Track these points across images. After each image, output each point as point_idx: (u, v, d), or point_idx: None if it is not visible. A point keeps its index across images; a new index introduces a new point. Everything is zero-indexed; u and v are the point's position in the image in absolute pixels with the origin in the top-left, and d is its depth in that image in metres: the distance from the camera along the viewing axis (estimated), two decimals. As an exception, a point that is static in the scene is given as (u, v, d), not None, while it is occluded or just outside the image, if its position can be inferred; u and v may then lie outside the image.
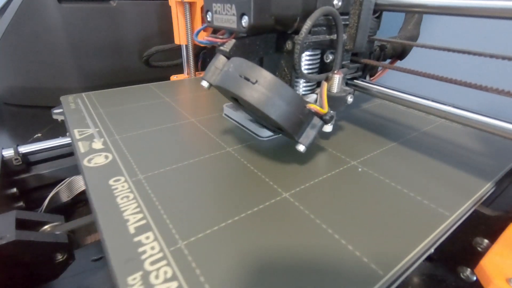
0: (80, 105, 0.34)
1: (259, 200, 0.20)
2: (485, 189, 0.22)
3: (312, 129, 0.22)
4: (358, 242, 0.16)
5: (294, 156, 0.25)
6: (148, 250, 0.15)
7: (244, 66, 0.20)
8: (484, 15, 0.20)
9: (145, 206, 0.19)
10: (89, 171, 0.22)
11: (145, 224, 0.17)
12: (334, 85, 0.24)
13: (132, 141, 0.27)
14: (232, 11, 0.22)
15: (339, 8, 0.24)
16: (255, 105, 0.20)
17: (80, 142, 0.26)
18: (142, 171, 0.22)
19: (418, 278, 0.23)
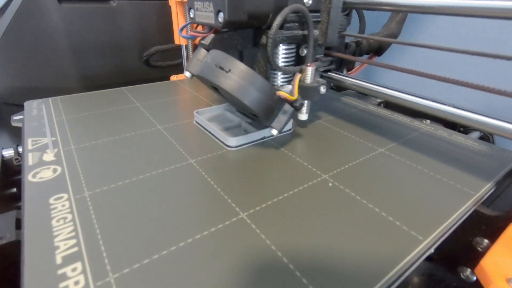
0: (43, 111, 0.33)
1: (213, 221, 0.18)
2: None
3: (283, 115, 0.24)
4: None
5: (261, 168, 0.24)
6: (71, 285, 0.14)
7: (219, 57, 0.22)
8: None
9: (82, 229, 0.17)
10: (31, 187, 0.20)
11: (76, 252, 0.15)
12: (307, 76, 0.26)
13: (88, 152, 0.25)
14: (210, 8, 0.24)
15: (310, 6, 0.26)
16: (229, 91, 0.22)
17: (31, 153, 0.24)
18: (90, 187, 0.21)
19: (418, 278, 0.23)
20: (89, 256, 0.15)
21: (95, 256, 0.15)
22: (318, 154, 0.26)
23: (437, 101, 0.24)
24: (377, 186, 0.22)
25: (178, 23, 0.49)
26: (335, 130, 0.30)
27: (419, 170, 0.24)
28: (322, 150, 0.27)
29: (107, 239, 0.16)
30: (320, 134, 0.30)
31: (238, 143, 0.27)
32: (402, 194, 0.21)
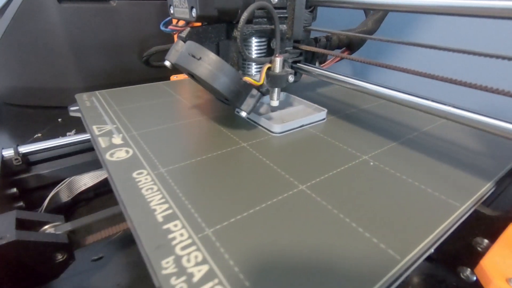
0: (95, 102, 0.35)
1: (277, 192, 0.20)
2: (485, 189, 0.22)
3: (251, 98, 0.27)
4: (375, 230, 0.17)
5: (307, 150, 0.26)
6: (178, 236, 0.16)
7: (192, 47, 0.25)
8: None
9: (170, 197, 0.19)
10: (112, 165, 0.23)
11: (171, 213, 0.18)
12: (276, 66, 0.28)
13: (149, 137, 0.27)
14: (185, 4, 0.27)
15: (276, 3, 0.29)
16: (201, 76, 0.24)
17: (100, 138, 0.27)
18: (163, 165, 0.23)
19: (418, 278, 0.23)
20: (183, 216, 0.18)
21: (189, 216, 0.18)
22: (352, 138, 0.29)
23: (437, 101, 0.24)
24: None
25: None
26: (360, 119, 0.34)
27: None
28: (355, 135, 0.29)
29: (193, 204, 0.19)
30: (348, 123, 0.32)
31: (283, 130, 0.29)
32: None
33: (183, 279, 0.14)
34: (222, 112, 0.34)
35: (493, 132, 0.21)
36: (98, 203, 0.38)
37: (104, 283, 0.27)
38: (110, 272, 0.28)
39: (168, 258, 0.15)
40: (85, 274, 0.28)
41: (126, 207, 0.18)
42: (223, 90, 0.25)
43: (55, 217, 0.26)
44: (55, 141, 0.37)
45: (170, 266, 0.14)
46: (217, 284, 0.14)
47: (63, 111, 0.59)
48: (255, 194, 0.20)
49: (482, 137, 0.30)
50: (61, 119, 0.57)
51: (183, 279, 0.14)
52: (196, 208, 0.19)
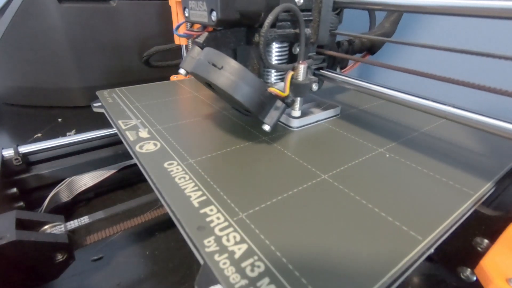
0: (117, 99, 0.36)
1: (301, 181, 0.21)
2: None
3: (275, 111, 0.25)
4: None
5: (325, 143, 0.27)
6: (215, 219, 0.17)
7: (212, 54, 0.23)
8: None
9: (202, 185, 0.20)
10: (144, 156, 0.24)
11: (206, 199, 0.19)
12: (299, 73, 0.26)
13: (174, 131, 0.28)
14: (203, 7, 0.25)
15: (301, 5, 0.27)
16: (222, 87, 0.22)
17: (128, 132, 0.28)
18: (191, 156, 0.24)
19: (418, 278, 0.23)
20: (218, 202, 0.19)
21: (222, 202, 0.19)
22: (366, 132, 0.29)
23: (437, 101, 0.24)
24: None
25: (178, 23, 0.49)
26: (371, 114, 0.35)
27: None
28: (368, 130, 0.30)
29: (225, 191, 0.20)
30: (361, 119, 0.33)
31: (300, 124, 0.30)
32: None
33: (226, 256, 0.15)
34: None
35: (493, 132, 0.21)
36: (98, 203, 0.38)
37: (104, 283, 0.27)
38: (110, 272, 0.28)
39: (209, 238, 0.16)
40: (85, 274, 0.28)
41: (162, 193, 0.19)
42: (246, 102, 0.23)
43: (55, 217, 0.26)
44: (55, 141, 0.37)
45: (212, 244, 0.16)
46: (257, 260, 0.15)
47: (63, 111, 0.60)
48: (280, 183, 0.21)
49: (482, 137, 0.30)
50: (61, 119, 0.57)
51: (226, 256, 0.15)
52: (228, 195, 0.20)
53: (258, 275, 0.14)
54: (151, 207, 0.31)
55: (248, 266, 0.15)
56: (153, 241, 0.32)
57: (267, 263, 0.15)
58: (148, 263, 0.30)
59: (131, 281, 0.28)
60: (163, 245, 0.31)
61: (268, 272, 0.14)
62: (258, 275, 0.14)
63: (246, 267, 0.14)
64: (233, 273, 0.14)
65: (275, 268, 0.15)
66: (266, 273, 0.14)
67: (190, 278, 0.28)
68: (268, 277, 0.14)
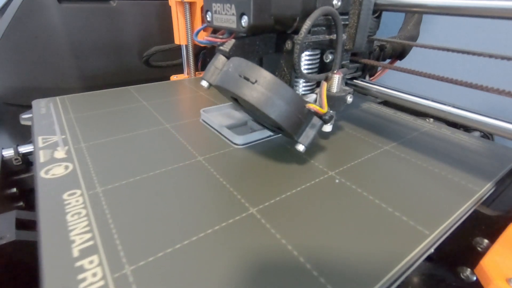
0: (52, 109, 0.33)
1: (224, 216, 0.18)
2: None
3: (311, 129, 0.22)
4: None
5: (269, 166, 0.24)
6: (89, 277, 0.14)
7: (243, 66, 0.20)
8: (484, 15, 0.20)
9: (97, 224, 0.17)
10: (44, 183, 0.21)
11: (91, 245, 0.16)
12: (334, 85, 0.24)
13: (98, 149, 0.26)
14: (231, 11, 0.22)
15: (339, 8, 0.24)
16: (255, 104, 0.20)
17: (42, 151, 0.25)
18: (102, 183, 0.21)
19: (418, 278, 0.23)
20: (105, 249, 0.16)
21: (111, 249, 0.16)
22: (325, 151, 0.26)
23: (438, 101, 0.24)
24: (380, 184, 0.22)
25: (178, 23, 0.49)
26: (341, 128, 0.31)
27: (418, 169, 0.24)
28: (329, 148, 0.27)
29: (121, 233, 0.17)
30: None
31: (245, 141, 0.27)
32: (402, 193, 0.21)
33: None
34: (184, 120, 0.32)
35: (493, 132, 0.21)
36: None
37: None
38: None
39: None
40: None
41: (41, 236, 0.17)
42: (282, 121, 0.20)
43: (55, 217, 0.25)
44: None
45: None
46: None
47: (63, 111, 0.60)
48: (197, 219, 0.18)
49: (482, 137, 0.30)
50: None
51: None
52: (123, 238, 0.16)
53: None
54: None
55: None
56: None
57: None
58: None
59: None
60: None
61: None
62: None
63: None
64: None
65: None
66: None
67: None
68: None
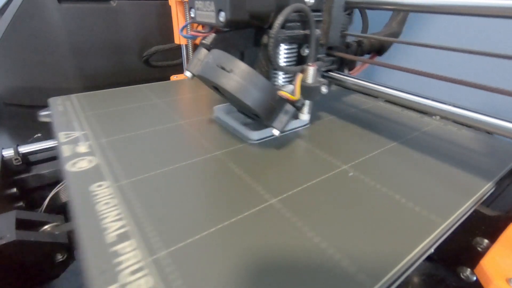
0: (69, 107, 0.34)
1: (246, 207, 0.19)
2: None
3: (285, 115, 0.24)
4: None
5: (283, 160, 0.25)
6: (126, 260, 0.15)
7: (221, 57, 0.22)
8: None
9: (126, 213, 0.18)
10: (72, 176, 0.22)
11: (125, 232, 0.17)
12: (309, 76, 0.26)
13: (118, 144, 0.26)
14: (211, 7, 0.24)
15: (312, 5, 0.26)
16: (231, 91, 0.22)
17: (65, 146, 0.25)
18: (126, 176, 0.22)
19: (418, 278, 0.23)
20: (138, 235, 0.16)
21: (143, 236, 0.17)
22: (335, 146, 0.27)
23: (438, 100, 0.24)
24: (399, 171, 0.23)
25: (178, 23, 0.49)
26: (347, 125, 0.32)
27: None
28: (338, 143, 0.28)
29: (151, 221, 0.18)
30: (333, 129, 0.31)
31: (260, 137, 0.28)
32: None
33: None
34: (198, 117, 0.33)
35: (493, 132, 0.21)
36: (98, 203, 0.38)
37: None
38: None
39: (111, 286, 0.13)
40: (85, 274, 0.28)
41: (77, 224, 0.17)
42: (255, 107, 0.22)
43: (55, 217, 0.26)
44: (55, 141, 0.37)
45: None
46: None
47: (63, 111, 0.60)
48: (221, 208, 0.19)
49: (482, 137, 0.30)
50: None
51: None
52: (153, 226, 0.17)
53: None
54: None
55: None
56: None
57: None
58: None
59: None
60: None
61: None
62: None
63: None
64: None
65: None
66: None
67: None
68: None
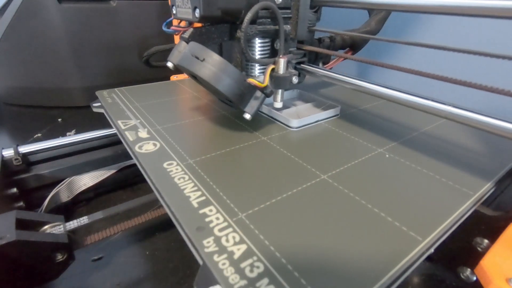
0: (116, 99, 0.36)
1: (301, 181, 0.21)
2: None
3: (255, 100, 0.27)
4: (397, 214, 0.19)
5: (325, 143, 0.27)
6: (214, 220, 0.17)
7: (195, 48, 0.25)
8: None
9: (201, 185, 0.20)
10: (143, 157, 0.24)
11: (205, 200, 0.19)
12: (280, 67, 0.28)
13: (173, 131, 0.28)
14: (188, 5, 0.27)
15: (280, 3, 0.29)
16: (204, 78, 0.24)
17: (127, 132, 0.28)
18: (190, 157, 0.24)
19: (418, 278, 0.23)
20: (217, 202, 0.19)
21: (222, 203, 0.19)
22: (366, 131, 0.30)
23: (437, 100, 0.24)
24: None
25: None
26: (371, 114, 0.35)
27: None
28: (369, 128, 0.30)
29: (224, 191, 0.20)
30: (360, 119, 0.33)
31: (300, 124, 0.30)
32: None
33: (225, 256, 0.15)
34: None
35: (493, 132, 0.21)
36: (98, 203, 0.38)
37: (104, 283, 0.27)
38: (110, 272, 0.28)
39: (208, 238, 0.16)
40: (85, 274, 0.28)
41: (162, 194, 0.19)
42: (226, 92, 0.25)
43: (55, 217, 0.26)
44: (55, 141, 0.37)
45: (211, 245, 0.16)
46: (257, 260, 0.15)
47: (63, 111, 0.60)
48: (279, 183, 0.21)
49: (482, 137, 0.30)
50: (61, 119, 0.57)
51: (225, 256, 0.15)
52: (227, 195, 0.20)
53: (258, 275, 0.14)
54: (151, 207, 0.31)
55: (247, 267, 0.15)
56: (153, 241, 0.32)
57: (266, 264, 0.15)
58: (148, 263, 0.30)
59: (131, 281, 0.28)
60: (163, 245, 0.31)
61: (267, 273, 0.14)
62: (257, 276, 0.14)
63: (245, 268, 0.14)
64: (232, 273, 0.14)
65: (274, 268, 0.15)
66: (266, 273, 0.14)
67: (190, 278, 0.28)
68: (268, 277, 0.14)
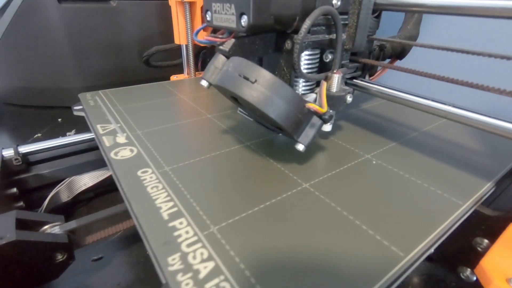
0: (99, 102, 0.36)
1: (281, 190, 0.21)
2: (485, 189, 0.22)
3: (311, 128, 0.22)
4: (379, 227, 0.18)
5: (309, 150, 0.25)
6: (183, 234, 0.17)
7: (243, 65, 0.20)
8: (484, 14, 0.20)
9: (175, 195, 0.20)
10: (117, 163, 0.23)
11: (177, 211, 0.18)
12: (334, 84, 0.24)
13: (153, 136, 0.28)
14: (231, 10, 0.22)
15: (338, 7, 0.24)
16: (255, 104, 0.20)
17: (105, 137, 0.27)
18: (167, 164, 0.23)
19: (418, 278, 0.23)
20: (189, 214, 0.18)
21: (194, 214, 0.18)
22: (358, 137, 0.29)
23: (437, 100, 0.24)
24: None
25: (178, 23, 0.49)
26: (365, 120, 0.34)
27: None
28: (362, 134, 0.30)
29: (198, 202, 0.19)
30: (363, 117, 0.33)
31: None
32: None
33: (190, 275, 0.14)
34: (224, 112, 0.34)
35: (493, 132, 0.21)
36: (98, 203, 0.38)
37: (104, 283, 0.27)
38: (110, 272, 0.28)
39: (174, 255, 0.15)
40: (85, 274, 0.28)
41: (131, 204, 0.19)
42: (282, 121, 0.20)
43: (55, 217, 0.26)
44: (55, 141, 0.37)
45: (176, 262, 0.15)
46: (223, 280, 0.14)
47: (63, 111, 0.60)
48: (259, 192, 0.21)
49: (482, 137, 0.30)
50: (61, 119, 0.57)
51: (190, 276, 0.14)
52: (201, 206, 0.19)
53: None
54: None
55: (212, 287, 0.14)
56: (153, 241, 0.32)
57: (233, 284, 0.14)
58: (148, 263, 0.30)
59: (131, 281, 0.28)
60: (163, 245, 0.31)
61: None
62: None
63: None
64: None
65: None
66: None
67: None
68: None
